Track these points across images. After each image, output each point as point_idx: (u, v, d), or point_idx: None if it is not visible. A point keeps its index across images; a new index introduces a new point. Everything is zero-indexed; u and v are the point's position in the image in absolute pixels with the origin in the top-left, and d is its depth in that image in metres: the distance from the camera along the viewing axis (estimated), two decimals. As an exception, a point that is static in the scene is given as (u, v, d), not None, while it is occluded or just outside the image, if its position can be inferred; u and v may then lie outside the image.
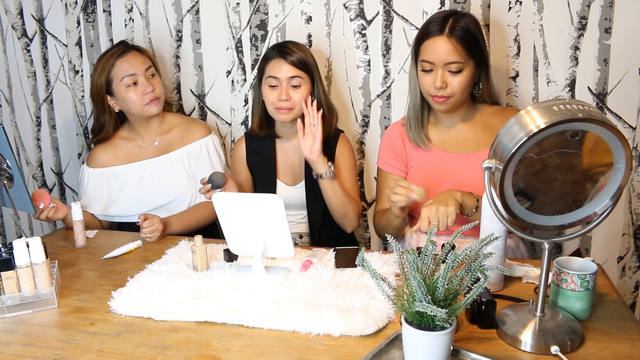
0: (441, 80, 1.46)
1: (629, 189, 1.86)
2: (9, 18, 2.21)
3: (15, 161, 1.45)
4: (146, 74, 1.80)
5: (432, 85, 1.48)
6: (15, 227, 2.49)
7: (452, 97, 1.49)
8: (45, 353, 1.08)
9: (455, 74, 1.47)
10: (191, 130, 1.90)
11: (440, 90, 1.47)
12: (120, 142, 1.90)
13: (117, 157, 1.88)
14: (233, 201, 1.32)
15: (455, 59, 1.45)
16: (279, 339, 1.11)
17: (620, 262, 1.92)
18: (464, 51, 1.45)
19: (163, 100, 1.85)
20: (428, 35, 1.47)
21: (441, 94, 1.48)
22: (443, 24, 1.46)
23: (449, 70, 1.46)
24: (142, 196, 1.85)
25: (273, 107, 1.70)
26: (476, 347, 1.06)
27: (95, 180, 1.87)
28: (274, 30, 1.96)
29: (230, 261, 1.44)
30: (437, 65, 1.46)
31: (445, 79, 1.47)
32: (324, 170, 1.66)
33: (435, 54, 1.46)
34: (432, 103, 1.54)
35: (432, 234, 1.00)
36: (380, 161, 1.71)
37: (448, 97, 1.49)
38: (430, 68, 1.48)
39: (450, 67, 1.46)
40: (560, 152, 0.98)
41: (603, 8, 1.72)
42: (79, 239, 1.61)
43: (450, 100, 1.50)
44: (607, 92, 1.79)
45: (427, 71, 1.49)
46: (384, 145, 1.71)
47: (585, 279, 1.12)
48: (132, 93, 1.78)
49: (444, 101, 1.50)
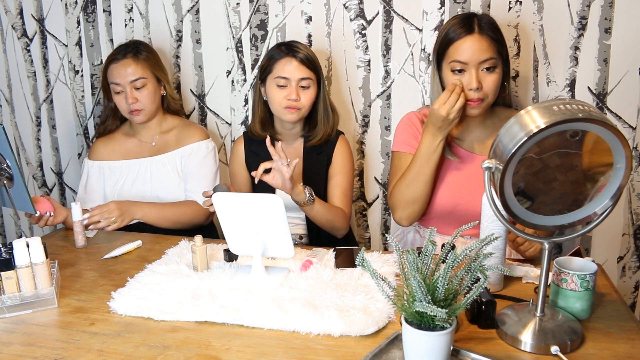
0: (477, 80, 1.43)
1: (629, 189, 1.86)
2: (9, 18, 2.21)
3: (15, 161, 1.45)
4: (132, 86, 1.79)
5: (467, 88, 1.44)
6: (15, 227, 2.50)
7: (486, 99, 1.46)
8: (45, 353, 1.08)
9: (490, 73, 1.44)
10: (188, 133, 1.90)
11: (476, 92, 1.44)
12: (120, 138, 1.93)
13: (115, 152, 1.91)
14: (233, 201, 1.32)
15: (489, 55, 1.42)
16: (279, 339, 1.11)
17: (620, 262, 1.93)
18: (495, 47, 1.43)
19: (150, 110, 1.84)
20: (457, 36, 1.44)
21: (477, 96, 1.44)
22: (469, 23, 1.43)
23: (483, 70, 1.43)
24: (133, 195, 1.86)
25: (281, 106, 1.68)
26: (476, 347, 1.06)
27: (94, 173, 1.90)
28: (274, 30, 1.96)
29: (230, 261, 1.44)
30: (471, 65, 1.43)
31: (480, 79, 1.43)
32: (302, 198, 1.57)
33: (470, 52, 1.42)
34: (467, 108, 1.48)
35: (432, 234, 1.00)
36: (397, 144, 1.65)
37: (482, 99, 1.46)
38: (461, 68, 1.44)
39: (485, 64, 1.43)
40: (560, 152, 0.98)
41: (603, 8, 1.72)
42: (79, 239, 1.61)
43: (484, 103, 1.47)
44: (607, 92, 1.79)
45: (458, 72, 1.45)
46: (402, 128, 1.65)
47: (585, 279, 1.12)
48: (118, 99, 1.82)
49: (478, 104, 1.46)
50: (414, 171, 1.52)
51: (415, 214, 1.57)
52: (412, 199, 1.54)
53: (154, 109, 1.86)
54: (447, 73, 1.47)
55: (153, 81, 1.84)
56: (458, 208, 1.56)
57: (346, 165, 1.78)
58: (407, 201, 1.55)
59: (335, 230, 1.74)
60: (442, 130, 1.47)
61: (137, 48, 1.84)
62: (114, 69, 1.80)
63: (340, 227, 1.72)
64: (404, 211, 1.57)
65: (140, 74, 1.80)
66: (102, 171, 1.90)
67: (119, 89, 1.80)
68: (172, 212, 1.79)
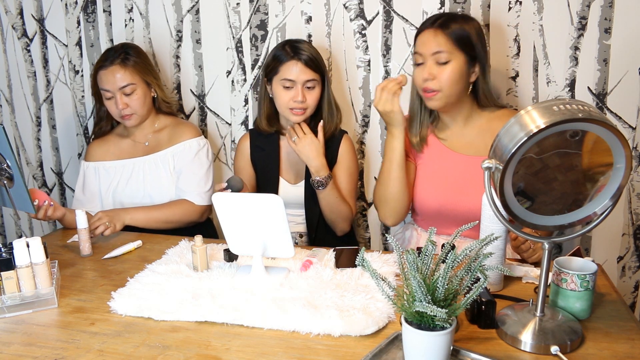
0: (428, 72, 1.49)
1: (629, 189, 1.86)
2: (9, 18, 2.21)
3: (15, 161, 1.45)
4: (121, 92, 1.79)
5: (421, 77, 1.51)
6: (15, 227, 2.50)
7: (440, 92, 1.50)
8: (45, 353, 1.08)
9: (443, 65, 1.48)
10: (180, 131, 1.90)
11: (428, 82, 1.49)
12: (114, 139, 1.95)
13: (109, 153, 1.92)
14: (233, 201, 1.32)
15: (440, 48, 1.47)
16: (279, 339, 1.11)
17: (620, 262, 1.92)
18: (450, 42, 1.47)
19: (141, 114, 1.84)
20: (421, 30, 1.53)
21: (430, 86, 1.50)
22: (436, 19, 1.51)
23: (437, 62, 1.48)
24: (127, 195, 1.86)
25: (287, 107, 1.70)
26: (476, 347, 1.06)
27: (90, 173, 1.90)
28: (274, 30, 1.96)
29: (230, 261, 1.44)
30: (426, 56, 1.49)
31: (432, 71, 1.49)
32: (323, 174, 1.67)
33: (424, 45, 1.50)
34: (425, 99, 1.55)
35: (432, 234, 1.00)
36: None
37: (437, 90, 1.50)
38: (421, 61, 1.51)
39: (438, 57, 1.48)
40: (560, 152, 0.98)
41: (603, 8, 1.72)
42: (86, 247, 1.55)
43: (440, 95, 1.51)
44: (607, 92, 1.79)
45: (419, 65, 1.52)
46: None
47: (585, 279, 1.12)
48: (109, 104, 1.83)
49: (433, 95, 1.51)
50: (384, 170, 1.60)
51: (396, 212, 1.62)
52: (386, 197, 1.60)
53: (145, 113, 1.86)
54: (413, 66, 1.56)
55: (142, 86, 1.83)
56: (445, 207, 1.58)
57: (350, 166, 1.79)
58: (382, 200, 1.62)
59: (336, 225, 1.76)
60: (394, 127, 1.54)
61: (125, 52, 1.82)
62: (102, 75, 1.80)
63: (340, 221, 1.75)
64: (382, 210, 1.64)
65: (129, 80, 1.79)
66: (97, 172, 1.90)
67: (109, 95, 1.81)
68: (160, 213, 1.78)
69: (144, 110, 1.85)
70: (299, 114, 1.70)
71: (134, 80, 1.80)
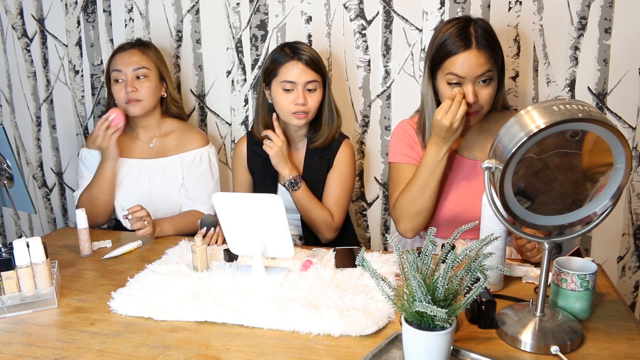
0: (473, 95, 1.41)
1: (629, 189, 1.86)
2: (9, 18, 2.21)
3: (15, 161, 1.46)
4: (133, 74, 1.78)
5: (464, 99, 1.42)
6: (15, 227, 2.50)
7: (481, 110, 1.46)
8: (45, 353, 1.08)
9: (486, 86, 1.43)
10: (188, 138, 1.88)
11: (472, 105, 1.43)
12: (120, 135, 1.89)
13: None
14: (233, 201, 1.32)
15: (486, 68, 1.41)
16: (279, 339, 1.11)
17: (620, 262, 1.93)
18: (492, 59, 1.42)
19: (148, 104, 1.81)
20: (454, 50, 1.41)
21: (474, 109, 1.44)
22: (467, 37, 1.41)
23: (479, 82, 1.42)
24: (134, 198, 1.83)
25: (289, 111, 1.65)
26: (476, 347, 1.06)
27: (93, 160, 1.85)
28: (274, 30, 1.96)
29: (230, 261, 1.44)
30: (467, 79, 1.41)
31: (477, 92, 1.42)
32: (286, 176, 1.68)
33: (468, 68, 1.40)
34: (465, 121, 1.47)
35: (432, 234, 1.00)
36: (394, 155, 1.62)
37: (478, 111, 1.45)
38: (457, 81, 1.42)
39: (482, 77, 1.42)
40: (560, 152, 0.98)
41: (603, 8, 1.72)
42: (86, 247, 1.54)
43: (479, 114, 1.46)
44: (607, 92, 1.79)
45: (455, 84, 1.43)
46: (397, 138, 1.63)
47: (585, 279, 1.12)
48: (115, 88, 1.80)
49: (474, 116, 1.46)
50: (420, 183, 1.50)
51: (420, 225, 1.55)
52: (418, 211, 1.52)
53: (152, 104, 1.83)
54: (443, 84, 1.46)
55: (155, 75, 1.82)
56: (461, 215, 1.55)
57: (344, 172, 1.75)
58: (412, 213, 1.53)
59: (317, 232, 1.75)
60: (447, 141, 1.45)
61: (146, 44, 1.85)
62: (118, 57, 1.79)
63: (321, 230, 1.73)
64: (408, 223, 1.55)
65: (145, 64, 1.79)
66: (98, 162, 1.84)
67: (120, 76, 1.78)
68: (183, 226, 1.77)
69: (152, 102, 1.82)
70: (302, 117, 1.66)
71: (149, 66, 1.80)
